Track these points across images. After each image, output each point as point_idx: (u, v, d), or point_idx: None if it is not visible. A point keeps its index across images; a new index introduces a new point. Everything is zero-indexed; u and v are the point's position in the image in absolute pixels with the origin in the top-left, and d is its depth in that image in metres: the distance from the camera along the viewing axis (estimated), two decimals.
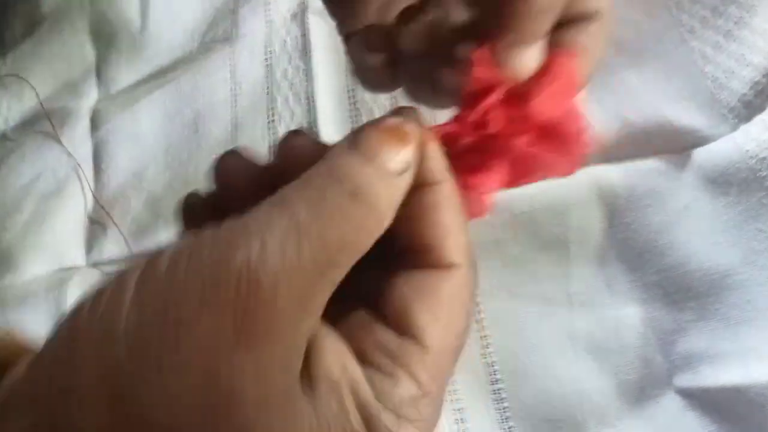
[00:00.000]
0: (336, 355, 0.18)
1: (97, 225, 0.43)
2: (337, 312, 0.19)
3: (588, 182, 0.35)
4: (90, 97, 0.48)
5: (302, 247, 0.17)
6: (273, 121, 0.42)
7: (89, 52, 0.50)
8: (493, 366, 0.33)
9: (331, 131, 0.40)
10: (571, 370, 0.32)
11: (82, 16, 0.50)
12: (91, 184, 0.44)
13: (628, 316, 0.33)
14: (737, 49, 0.35)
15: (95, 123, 0.46)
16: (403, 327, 0.19)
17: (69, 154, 0.45)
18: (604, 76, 0.38)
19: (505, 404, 0.32)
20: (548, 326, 0.33)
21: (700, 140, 0.34)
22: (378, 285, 0.20)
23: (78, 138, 0.46)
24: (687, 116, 0.35)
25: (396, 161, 0.19)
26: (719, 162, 0.33)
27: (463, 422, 0.32)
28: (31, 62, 0.49)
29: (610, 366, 0.32)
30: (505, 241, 0.35)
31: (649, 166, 0.35)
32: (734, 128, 0.33)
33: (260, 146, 0.41)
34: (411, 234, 0.20)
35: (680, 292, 0.32)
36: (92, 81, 0.49)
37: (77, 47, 0.50)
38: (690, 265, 0.32)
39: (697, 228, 0.33)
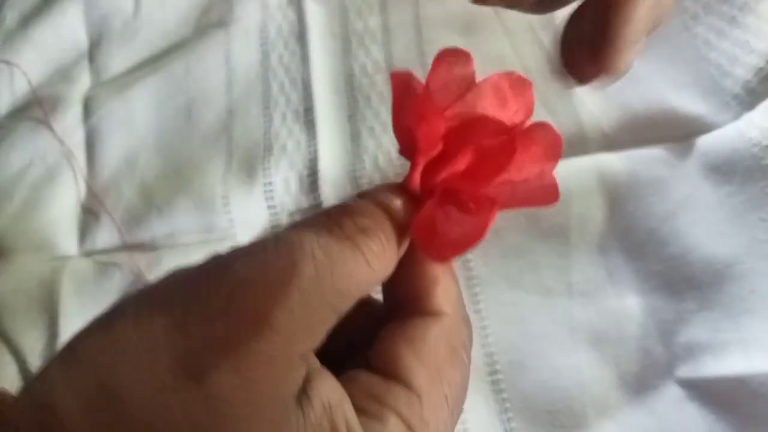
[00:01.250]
0: (335, 389, 0.18)
1: (89, 214, 0.42)
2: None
3: (589, 170, 0.35)
4: (82, 83, 0.47)
5: (322, 277, 0.17)
6: (268, 107, 0.41)
7: (82, 38, 0.49)
8: (492, 356, 0.32)
9: (327, 117, 0.40)
10: (571, 360, 0.32)
11: (74, 1, 0.49)
12: (84, 171, 0.43)
13: (629, 306, 0.32)
14: (741, 36, 0.34)
15: (88, 110, 0.45)
16: (390, 371, 0.19)
17: (61, 142, 0.44)
18: None
19: (504, 395, 0.32)
20: (548, 316, 0.33)
21: (703, 128, 0.34)
22: (366, 339, 0.20)
23: (70, 125, 0.45)
24: (690, 104, 0.34)
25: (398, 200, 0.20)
26: (722, 150, 0.33)
27: (461, 413, 0.31)
28: (22, 48, 0.48)
29: (611, 356, 0.32)
30: (505, 230, 0.34)
31: (651, 154, 0.34)
32: (738, 116, 0.33)
33: (255, 133, 0.40)
34: (400, 285, 0.20)
35: (682, 282, 0.32)
36: (85, 67, 0.48)
37: (69, 33, 0.49)
38: (692, 254, 0.32)
39: (699, 217, 0.32)
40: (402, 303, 0.20)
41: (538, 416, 0.31)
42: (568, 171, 0.35)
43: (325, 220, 0.18)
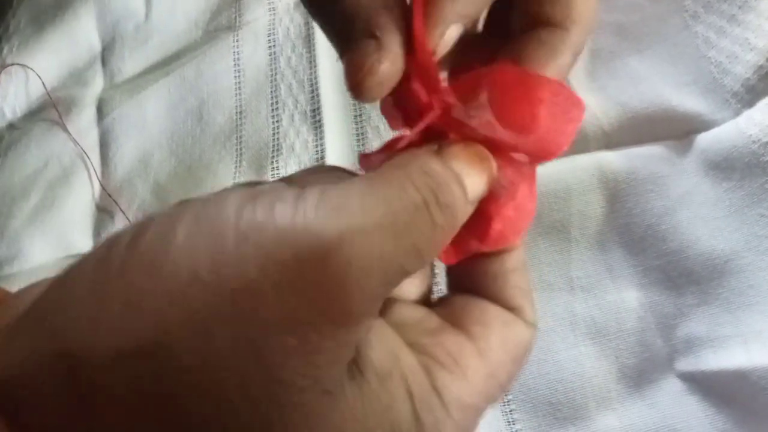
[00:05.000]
0: (387, 347, 0.18)
1: (104, 213, 0.43)
2: (391, 307, 0.19)
3: (589, 167, 0.35)
4: (96, 85, 0.48)
5: (398, 243, 0.16)
6: (277, 108, 0.42)
7: (95, 41, 0.50)
8: None
9: (334, 118, 0.40)
10: (572, 353, 0.32)
11: (87, 4, 0.50)
12: (98, 172, 0.44)
13: (628, 300, 0.33)
14: (741, 34, 0.35)
15: (101, 111, 0.46)
16: (471, 333, 0.19)
17: (75, 143, 0.45)
18: (607, 61, 0.38)
19: None
20: (550, 311, 0.33)
21: (703, 125, 0.34)
22: (445, 300, 0.20)
23: (84, 126, 0.46)
24: (690, 101, 0.35)
25: (474, 187, 0.19)
26: (722, 147, 0.33)
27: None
28: (37, 51, 0.49)
29: (611, 350, 0.32)
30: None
31: (651, 151, 0.35)
32: (737, 113, 0.33)
33: (264, 133, 0.41)
34: (495, 293, 0.20)
35: (681, 277, 0.32)
36: (98, 70, 0.49)
37: (83, 36, 0.50)
38: (691, 249, 0.32)
39: (698, 213, 0.33)
40: (494, 300, 0.20)
41: (539, 408, 0.32)
42: (569, 168, 0.35)
43: (412, 190, 0.17)
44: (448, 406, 0.17)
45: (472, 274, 0.20)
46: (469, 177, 0.18)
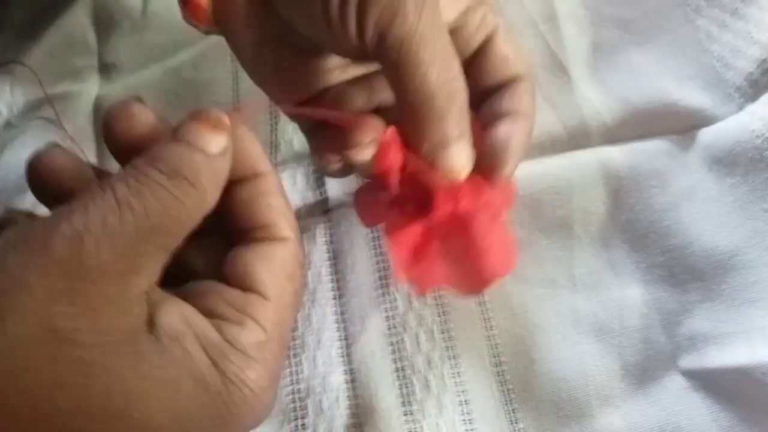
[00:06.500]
0: (177, 312, 0.21)
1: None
2: (188, 285, 0.23)
3: (592, 163, 0.35)
4: (92, 82, 0.48)
5: (124, 217, 0.20)
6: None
7: (91, 38, 0.49)
8: (497, 348, 0.33)
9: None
10: (575, 351, 0.32)
11: (82, 2, 0.50)
12: None
13: (632, 297, 0.33)
14: (744, 27, 0.34)
15: (98, 109, 0.46)
16: (247, 284, 0.23)
17: (72, 140, 0.45)
18: (609, 55, 0.37)
19: (510, 385, 0.32)
20: (552, 308, 0.33)
21: (706, 120, 0.34)
22: (219, 259, 0.24)
23: (80, 124, 0.46)
24: (692, 96, 0.34)
25: (213, 144, 0.22)
26: (725, 142, 0.33)
27: (467, 404, 0.32)
28: (32, 48, 0.49)
29: (614, 347, 0.32)
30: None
31: (653, 146, 0.34)
32: (740, 108, 0.33)
33: (262, 129, 0.41)
34: (250, 215, 0.24)
35: (685, 273, 0.32)
36: (94, 67, 0.48)
37: (79, 33, 0.49)
38: (695, 245, 0.32)
39: (702, 208, 0.32)
40: (248, 231, 0.24)
41: (542, 406, 0.31)
42: (571, 164, 0.35)
43: (134, 171, 0.21)
44: (244, 350, 0.22)
45: (233, 206, 0.24)
46: (200, 138, 0.22)
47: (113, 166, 0.44)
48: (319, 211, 0.38)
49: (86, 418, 0.19)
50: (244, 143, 0.24)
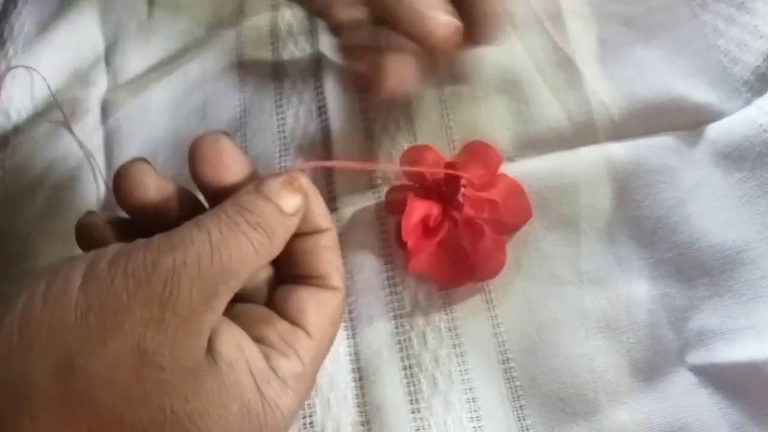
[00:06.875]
0: (233, 339, 0.24)
1: (110, 214, 0.43)
2: (242, 308, 0.27)
3: (598, 159, 0.35)
4: (100, 86, 0.48)
5: (214, 260, 0.23)
6: (281, 105, 0.42)
7: (98, 41, 0.50)
8: (504, 345, 0.33)
9: (339, 114, 0.40)
10: (582, 347, 0.32)
11: (90, 4, 0.50)
12: (103, 173, 0.44)
13: (639, 293, 0.32)
14: (750, 21, 0.34)
15: (105, 112, 0.46)
16: (297, 320, 0.26)
17: (81, 144, 0.45)
18: (615, 51, 0.37)
19: (517, 383, 0.32)
20: (559, 305, 0.33)
21: (713, 115, 0.34)
22: (275, 293, 0.28)
23: (89, 127, 0.46)
24: (699, 91, 0.34)
25: (290, 205, 0.26)
26: (732, 137, 0.33)
27: (474, 401, 0.32)
28: (41, 53, 0.49)
29: (622, 344, 0.32)
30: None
31: (660, 142, 0.34)
32: (748, 102, 0.33)
33: (269, 130, 0.41)
34: (309, 264, 0.28)
35: (693, 269, 0.32)
36: (102, 70, 0.49)
37: (86, 36, 0.50)
38: (703, 241, 0.32)
39: (709, 204, 0.32)
40: (310, 276, 0.28)
41: (550, 403, 0.31)
42: (578, 161, 0.35)
43: (226, 218, 0.24)
44: (283, 379, 0.25)
45: (293, 253, 0.28)
46: (281, 197, 0.25)
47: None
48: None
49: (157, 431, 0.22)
50: (311, 203, 0.27)
